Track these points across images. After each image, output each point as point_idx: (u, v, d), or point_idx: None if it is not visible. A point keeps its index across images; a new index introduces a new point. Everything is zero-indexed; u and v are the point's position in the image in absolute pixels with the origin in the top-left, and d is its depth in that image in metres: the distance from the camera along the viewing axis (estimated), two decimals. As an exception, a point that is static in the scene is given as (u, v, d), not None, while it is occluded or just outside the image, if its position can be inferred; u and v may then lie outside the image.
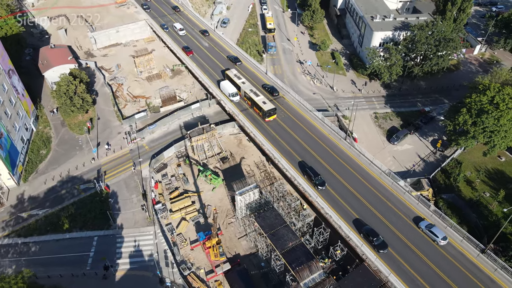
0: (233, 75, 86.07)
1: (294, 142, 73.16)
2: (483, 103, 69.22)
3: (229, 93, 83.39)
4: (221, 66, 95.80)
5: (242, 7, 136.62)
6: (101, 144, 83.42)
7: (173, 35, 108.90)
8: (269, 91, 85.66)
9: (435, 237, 54.81)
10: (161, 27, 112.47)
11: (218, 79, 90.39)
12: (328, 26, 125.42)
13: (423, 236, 55.85)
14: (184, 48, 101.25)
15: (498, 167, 76.78)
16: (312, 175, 64.46)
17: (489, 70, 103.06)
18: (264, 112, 76.22)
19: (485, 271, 51.93)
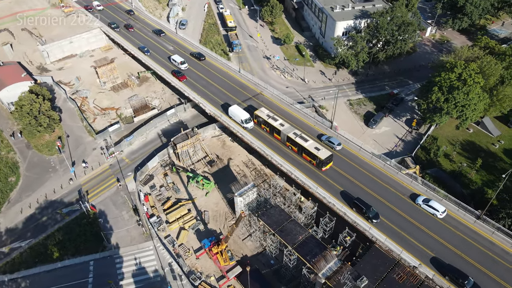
0: (266, 116, 72.49)
1: (282, 137, 73.31)
2: (452, 80, 73.81)
3: (242, 119, 73.49)
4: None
5: (197, 7, 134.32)
6: (76, 163, 78.32)
7: (134, 42, 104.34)
8: (197, 57, 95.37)
9: (435, 211, 57.83)
10: (109, 25, 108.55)
11: (174, 69, 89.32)
12: (287, 19, 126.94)
13: (422, 211, 58.56)
14: (175, 73, 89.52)
15: (468, 139, 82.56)
16: (364, 208, 58.34)
17: (443, 49, 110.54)
18: (321, 161, 63.83)
19: (483, 235, 55.63)
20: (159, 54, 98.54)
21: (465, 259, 52.72)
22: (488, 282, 50.39)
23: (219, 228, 67.09)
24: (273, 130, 71.57)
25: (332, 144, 69.47)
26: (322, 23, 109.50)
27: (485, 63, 75.32)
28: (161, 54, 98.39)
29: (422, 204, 59.52)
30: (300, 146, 67.11)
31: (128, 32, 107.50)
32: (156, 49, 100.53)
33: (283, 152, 69.77)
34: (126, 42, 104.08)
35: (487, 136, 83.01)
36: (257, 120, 74.17)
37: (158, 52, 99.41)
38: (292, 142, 68.59)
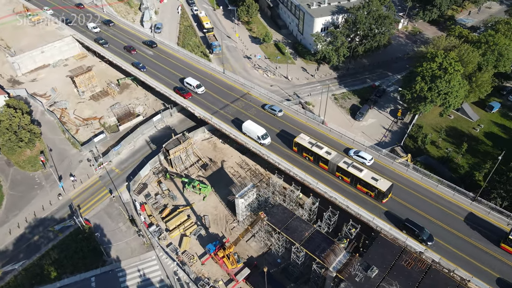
0: (308, 143, 65.58)
1: (276, 135, 73.35)
2: (433, 69, 76.42)
3: (258, 135, 69.19)
4: (175, 72, 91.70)
5: (170, 10, 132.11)
6: (63, 177, 75.28)
7: (111, 48, 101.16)
8: (148, 44, 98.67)
9: (364, 159, 65.51)
10: (96, 41, 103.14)
11: (176, 86, 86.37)
12: (263, 18, 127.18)
13: (426, 201, 60.23)
14: (178, 90, 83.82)
15: (450, 125, 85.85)
16: (416, 230, 54.80)
17: (417, 41, 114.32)
18: (382, 193, 58.04)
19: (480, 215, 58.02)
20: (137, 58, 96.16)
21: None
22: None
23: (221, 232, 66.41)
24: (318, 159, 64.61)
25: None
26: (300, 20, 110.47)
27: (463, 51, 78.54)
28: (139, 58, 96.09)
29: (353, 155, 66.78)
30: (354, 176, 60.86)
31: (130, 54, 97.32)
32: (136, 55, 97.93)
33: (279, 151, 69.78)
34: (107, 51, 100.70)
35: (468, 121, 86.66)
36: (297, 148, 67.08)
37: (140, 59, 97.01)
38: (343, 172, 61.99)
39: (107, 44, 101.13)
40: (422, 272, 51.67)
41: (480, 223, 56.88)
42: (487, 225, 56.51)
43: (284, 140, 71.71)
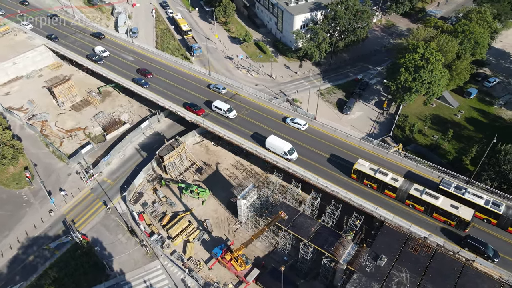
0: (370, 169, 60.87)
1: (269, 133, 73.25)
2: (416, 60, 78.88)
3: (285, 151, 65.63)
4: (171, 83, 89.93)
5: (144, 14, 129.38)
6: (53, 192, 72.29)
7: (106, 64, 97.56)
8: (97, 36, 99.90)
9: (298, 125, 72.53)
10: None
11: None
12: (240, 18, 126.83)
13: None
14: (189, 107, 78.45)
15: (433, 113, 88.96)
16: (481, 247, 52.15)
17: (393, 33, 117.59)
18: (466, 222, 53.85)
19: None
20: (120, 66, 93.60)
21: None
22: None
23: (224, 235, 65.87)
24: (384, 187, 59.79)
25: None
26: (278, 19, 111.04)
27: (442, 41, 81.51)
28: (122, 66, 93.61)
29: (290, 122, 73.85)
30: (430, 205, 56.02)
31: (146, 78, 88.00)
32: (118, 63, 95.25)
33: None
34: (85, 59, 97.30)
35: (449, 108, 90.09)
36: (356, 176, 62.24)
37: (120, 65, 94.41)
38: (416, 200, 57.17)
39: (101, 61, 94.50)
40: (429, 257, 53.41)
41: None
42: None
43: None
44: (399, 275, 52.13)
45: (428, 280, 51.12)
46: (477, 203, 55.56)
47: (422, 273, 51.90)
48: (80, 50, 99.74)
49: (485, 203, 55.39)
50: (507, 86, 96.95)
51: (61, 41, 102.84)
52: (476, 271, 51.37)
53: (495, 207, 54.84)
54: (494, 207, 54.94)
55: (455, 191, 57.19)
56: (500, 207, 54.70)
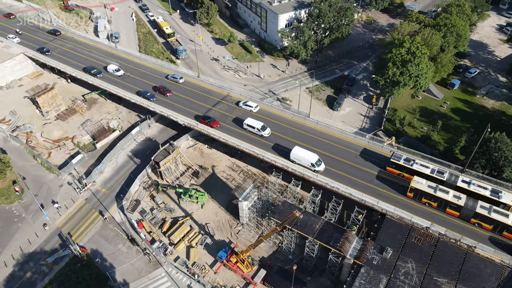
0: (428, 187, 58.08)
1: (264, 134, 73.51)
2: (402, 54, 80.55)
3: (312, 162, 63.52)
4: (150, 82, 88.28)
5: (124, 17, 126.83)
6: (45, 205, 70.03)
7: (71, 63, 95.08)
8: (52, 33, 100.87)
9: (250, 107, 77.13)
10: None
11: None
12: (222, 19, 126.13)
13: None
14: (203, 119, 75.13)
15: (420, 105, 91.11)
16: None
17: (375, 29, 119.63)
18: None
19: (470, 186, 62.34)
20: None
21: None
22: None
23: (227, 238, 65.48)
24: (445, 206, 57.32)
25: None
26: (262, 18, 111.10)
27: (426, 35, 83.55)
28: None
29: (242, 105, 78.05)
30: (500, 223, 53.79)
31: (164, 97, 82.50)
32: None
33: (273, 149, 69.99)
34: (68, 66, 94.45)
35: (434, 100, 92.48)
36: (413, 194, 59.48)
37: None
38: (483, 219, 54.94)
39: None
40: (432, 246, 54.72)
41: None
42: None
43: (273, 137, 71.86)
44: (405, 265, 53.20)
45: (433, 268, 52.38)
46: (424, 172, 60.27)
47: (427, 262, 53.12)
48: (65, 59, 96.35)
49: (431, 172, 60.07)
50: (487, 76, 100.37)
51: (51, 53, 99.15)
52: (479, 256, 53.01)
53: (440, 175, 59.63)
54: (439, 174, 59.75)
55: (404, 163, 61.95)
56: (444, 174, 59.67)
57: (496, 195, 56.35)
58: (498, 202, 55.83)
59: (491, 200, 56.08)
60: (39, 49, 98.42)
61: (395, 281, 51.50)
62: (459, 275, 51.57)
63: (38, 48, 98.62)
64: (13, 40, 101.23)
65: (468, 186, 58.28)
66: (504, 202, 55.61)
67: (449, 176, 59.58)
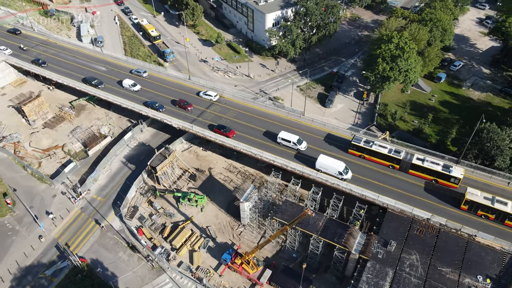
0: (484, 199, 56.24)
1: (260, 133, 73.28)
2: (391, 50, 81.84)
3: (339, 171, 61.91)
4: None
5: (107, 21, 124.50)
6: (40, 217, 68.05)
7: (54, 69, 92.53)
8: (12, 32, 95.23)
9: (210, 97, 80.00)
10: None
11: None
12: (207, 20, 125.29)
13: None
14: (218, 129, 72.12)
15: (409, 99, 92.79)
16: None
17: (360, 26, 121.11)
18: None
19: (466, 175, 63.88)
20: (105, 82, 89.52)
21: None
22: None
23: (229, 240, 65.10)
24: (504, 218, 55.62)
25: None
26: (249, 18, 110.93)
27: (414, 30, 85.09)
28: (107, 82, 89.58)
29: (203, 95, 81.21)
30: None
31: (185, 111, 78.23)
32: (95, 75, 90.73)
33: (269, 149, 69.80)
34: (53, 73, 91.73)
35: (423, 93, 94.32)
36: (467, 206, 57.46)
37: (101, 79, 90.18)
38: None
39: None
40: (434, 237, 55.76)
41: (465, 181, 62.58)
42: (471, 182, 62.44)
43: (270, 136, 71.85)
44: (410, 257, 54.05)
45: (437, 259, 53.40)
46: (382, 152, 63.57)
47: (430, 253, 54.09)
48: (56, 67, 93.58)
49: (388, 152, 63.36)
50: (471, 68, 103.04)
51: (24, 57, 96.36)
52: (479, 244, 54.31)
53: (396, 154, 62.94)
54: (396, 154, 63.04)
55: (364, 145, 65.24)
56: (401, 153, 62.96)
57: (447, 170, 60.10)
58: (449, 176, 59.62)
59: (443, 174, 59.81)
60: (34, 61, 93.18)
61: (401, 274, 52.25)
62: (462, 263, 52.74)
63: (33, 60, 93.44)
64: (5, 51, 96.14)
65: (422, 163, 61.60)
66: (454, 175, 59.43)
67: (405, 155, 63.09)
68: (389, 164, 64.42)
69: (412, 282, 51.31)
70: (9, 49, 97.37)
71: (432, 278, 51.61)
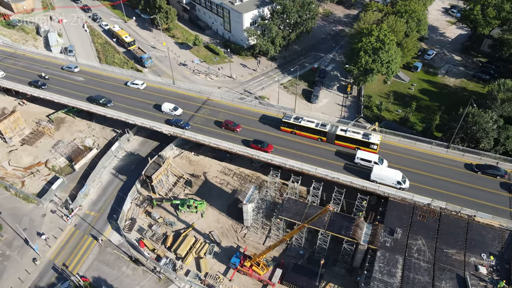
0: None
1: (254, 134, 72.99)
2: (372, 43, 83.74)
3: (398, 180, 60.39)
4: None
5: (75, 29, 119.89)
6: (31, 239, 64.40)
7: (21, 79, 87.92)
8: None
9: (137, 85, 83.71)
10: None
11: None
12: (181, 22, 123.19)
13: (410, 158, 66.61)
14: (254, 144, 68.80)
15: (390, 89, 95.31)
16: None
17: (334, 21, 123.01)
18: None
19: (457, 159, 66.50)
20: (72, 88, 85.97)
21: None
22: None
23: (234, 243, 64.35)
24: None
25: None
26: (225, 19, 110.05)
27: (392, 22, 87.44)
28: (75, 89, 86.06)
29: (130, 84, 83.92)
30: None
31: (233, 132, 72.95)
32: (75, 87, 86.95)
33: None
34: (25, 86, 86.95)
35: (403, 83, 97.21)
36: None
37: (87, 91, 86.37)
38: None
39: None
40: (436, 221, 57.58)
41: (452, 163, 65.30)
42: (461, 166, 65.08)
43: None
44: (416, 243, 55.56)
45: (442, 241, 55.20)
46: (310, 126, 69.45)
47: (435, 237, 55.83)
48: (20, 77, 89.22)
49: (315, 126, 69.30)
50: (443, 56, 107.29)
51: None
52: (479, 224, 56.63)
53: (323, 127, 69.07)
54: (322, 127, 69.17)
55: (294, 121, 70.69)
56: (326, 126, 69.24)
57: (366, 137, 66.68)
58: (369, 143, 66.22)
59: (363, 142, 66.76)
60: (32, 82, 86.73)
61: (410, 259, 53.61)
62: (465, 244, 54.78)
63: (31, 82, 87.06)
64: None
65: (345, 133, 68.17)
66: (373, 142, 66.13)
67: (330, 127, 69.26)
68: (318, 137, 70.00)
69: (422, 267, 52.77)
70: (2, 72, 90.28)
71: (440, 260, 53.32)
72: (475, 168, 64.31)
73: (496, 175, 62.93)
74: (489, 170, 63.48)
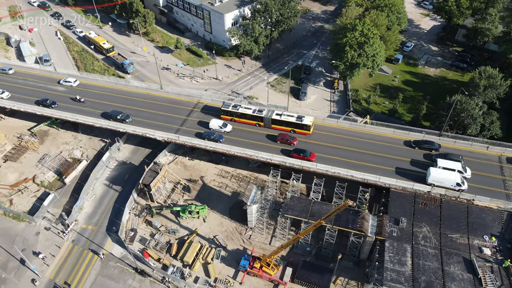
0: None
1: (248, 134, 72.60)
2: (357, 37, 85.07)
3: (457, 182, 59.32)
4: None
5: (48, 37, 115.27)
6: (27, 259, 61.47)
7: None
8: None
9: (70, 83, 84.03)
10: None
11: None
12: (159, 26, 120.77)
13: (402, 149, 68.25)
14: (295, 153, 67.07)
15: (375, 82, 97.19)
16: None
17: (313, 17, 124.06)
18: None
19: (448, 146, 68.64)
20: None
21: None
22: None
23: (240, 245, 63.81)
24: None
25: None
26: (205, 20, 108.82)
27: (374, 16, 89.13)
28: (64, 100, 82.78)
29: (63, 82, 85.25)
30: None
31: (289, 146, 69.80)
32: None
33: (264, 148, 69.44)
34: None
35: (386, 76, 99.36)
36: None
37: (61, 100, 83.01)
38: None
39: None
40: (438, 207, 59.20)
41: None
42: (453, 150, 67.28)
43: (266, 137, 71.68)
44: (421, 231, 56.95)
45: (445, 227, 56.84)
46: (248, 113, 72.55)
47: (438, 223, 57.39)
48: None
49: (253, 112, 72.50)
50: (421, 48, 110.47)
51: None
52: (479, 207, 58.66)
53: (259, 113, 72.37)
54: (259, 112, 72.48)
55: (232, 109, 73.56)
56: (263, 112, 72.47)
57: (300, 120, 70.45)
58: (302, 124, 70.14)
59: (297, 124, 70.55)
60: (41, 101, 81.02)
61: (418, 247, 54.89)
62: (468, 227, 56.63)
63: (39, 101, 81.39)
64: (2, 95, 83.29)
65: (280, 117, 71.37)
66: (305, 123, 70.10)
67: (266, 112, 72.59)
68: (256, 122, 73.18)
69: (430, 253, 54.16)
70: (7, 92, 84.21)
71: (446, 245, 54.89)
72: (413, 144, 68.61)
73: (431, 149, 67.46)
74: (425, 145, 67.86)
